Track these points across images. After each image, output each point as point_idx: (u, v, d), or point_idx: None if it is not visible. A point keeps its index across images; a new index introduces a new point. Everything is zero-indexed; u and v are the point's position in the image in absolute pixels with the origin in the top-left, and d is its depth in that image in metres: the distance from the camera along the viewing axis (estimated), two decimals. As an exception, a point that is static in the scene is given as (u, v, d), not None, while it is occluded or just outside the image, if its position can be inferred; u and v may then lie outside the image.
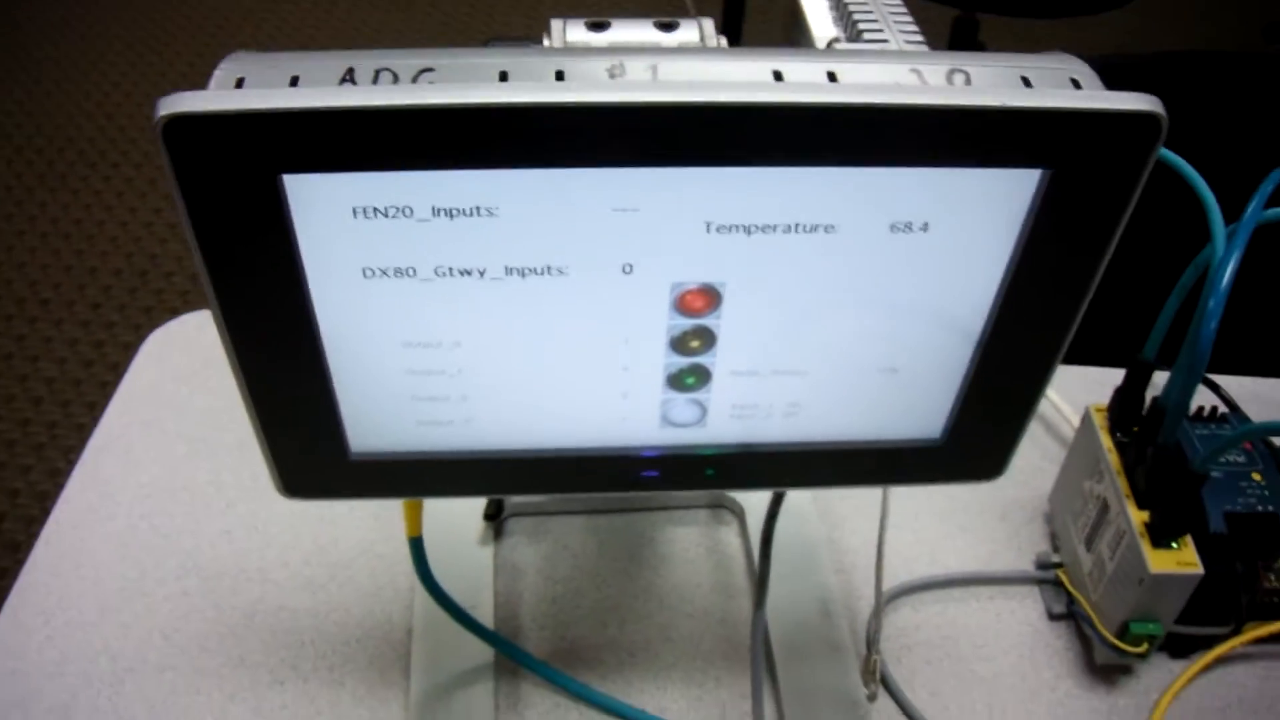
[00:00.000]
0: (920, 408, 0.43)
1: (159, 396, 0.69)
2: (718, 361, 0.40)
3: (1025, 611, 0.61)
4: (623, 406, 0.42)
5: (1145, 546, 0.54)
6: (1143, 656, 0.56)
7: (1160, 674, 0.59)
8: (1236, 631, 0.60)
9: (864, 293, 0.38)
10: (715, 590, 0.61)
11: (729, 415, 0.43)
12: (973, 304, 0.39)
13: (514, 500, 0.62)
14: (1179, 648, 0.60)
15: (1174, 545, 0.54)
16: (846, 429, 0.43)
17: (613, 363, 0.40)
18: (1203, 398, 0.67)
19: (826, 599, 0.59)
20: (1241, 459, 0.58)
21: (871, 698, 0.56)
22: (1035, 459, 0.69)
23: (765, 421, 0.43)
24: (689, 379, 0.41)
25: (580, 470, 0.44)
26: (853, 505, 0.65)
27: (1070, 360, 0.72)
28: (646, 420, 0.42)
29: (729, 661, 0.58)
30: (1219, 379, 0.70)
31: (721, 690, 0.56)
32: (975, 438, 0.44)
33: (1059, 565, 0.61)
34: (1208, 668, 0.60)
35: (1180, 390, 0.51)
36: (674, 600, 0.60)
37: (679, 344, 0.40)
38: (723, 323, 0.39)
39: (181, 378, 0.70)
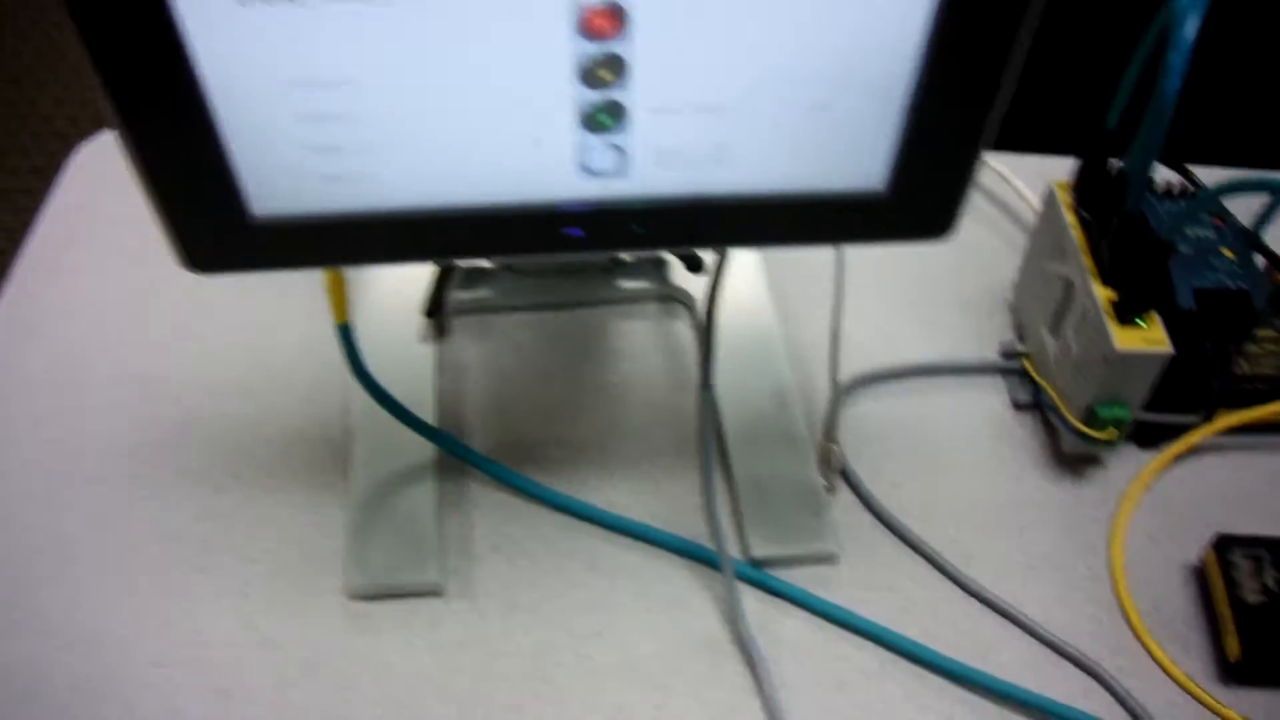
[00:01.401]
0: (858, 152, 0.40)
1: (89, 210, 0.66)
2: (633, 96, 0.38)
3: (989, 402, 0.59)
4: (536, 155, 0.39)
5: (1110, 324, 0.51)
6: (1110, 443, 0.54)
7: (1129, 464, 0.58)
8: (1208, 420, 0.58)
9: (784, 14, 0.35)
10: (667, 383, 0.59)
11: (653, 163, 0.40)
12: (902, 26, 0.36)
13: (457, 298, 0.60)
14: (1148, 437, 0.58)
15: (1140, 323, 0.51)
16: (781, 177, 0.41)
17: (518, 100, 0.37)
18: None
19: (782, 390, 0.57)
20: (1211, 235, 0.55)
21: (830, 489, 0.54)
22: (998, 247, 0.67)
23: (693, 170, 0.40)
24: (603, 118, 0.38)
25: (498, 230, 0.42)
26: (810, 297, 0.62)
27: (1034, 150, 0.69)
28: (563, 169, 0.40)
29: (681, 455, 0.56)
30: (1192, 168, 0.66)
31: (673, 483, 0.55)
32: (920, 188, 0.41)
33: (1024, 354, 0.59)
34: (1179, 458, 0.58)
35: (1143, 151, 0.48)
36: (624, 394, 0.58)
37: (589, 75, 0.37)
38: (635, 49, 0.36)
39: (112, 191, 0.67)
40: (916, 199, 0.42)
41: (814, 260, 0.64)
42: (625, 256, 0.61)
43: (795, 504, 0.53)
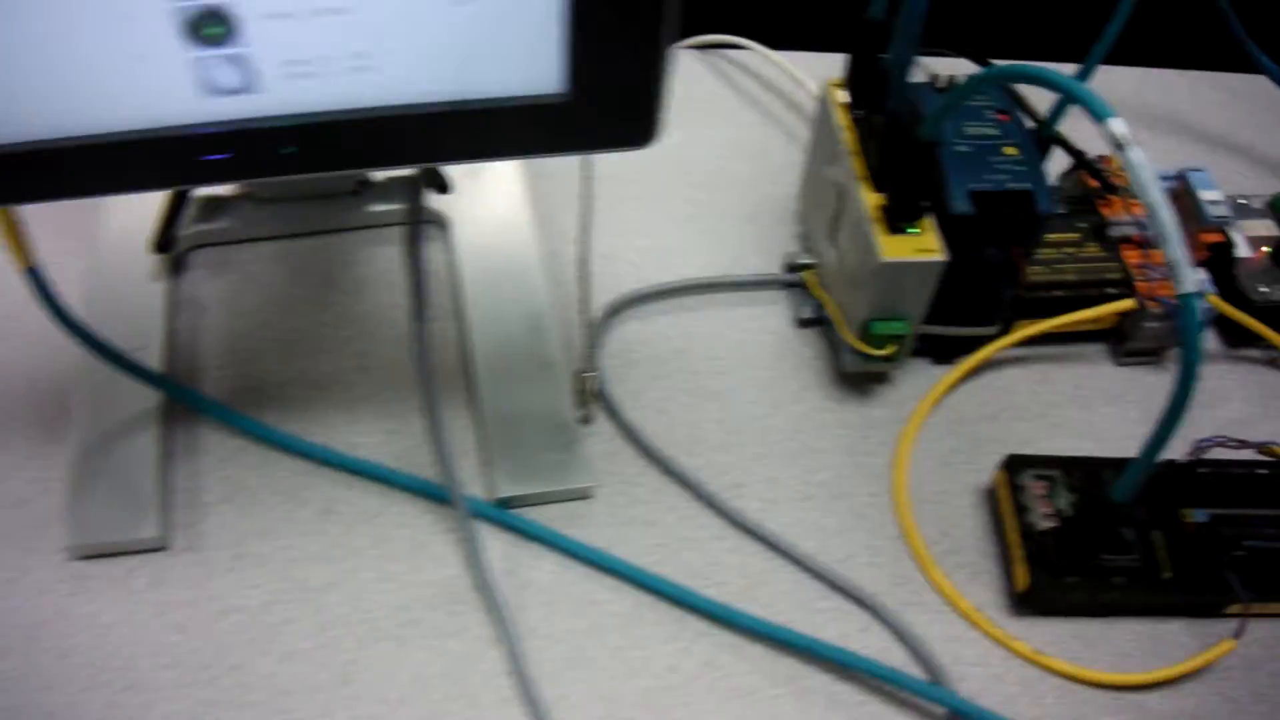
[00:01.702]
0: (520, 51, 0.35)
1: None
2: (239, 1, 0.32)
3: (770, 319, 0.55)
4: (145, 72, 0.34)
5: (878, 233, 0.47)
6: (891, 359, 0.50)
7: (922, 381, 0.54)
8: (1004, 331, 0.54)
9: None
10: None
11: (285, 76, 0.35)
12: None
13: (193, 230, 0.54)
14: (942, 352, 0.54)
15: (912, 230, 0.47)
16: (437, 85, 0.36)
17: (106, 9, 0.32)
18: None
19: (537, 315, 0.52)
20: (995, 132, 0.50)
21: (585, 420, 0.50)
22: (790, 151, 0.62)
23: (333, 82, 0.35)
24: (210, 27, 0.33)
25: (132, 160, 0.36)
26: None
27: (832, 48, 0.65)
28: (181, 88, 0.34)
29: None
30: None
31: (422, 420, 0.50)
32: (607, 89, 0.37)
33: (808, 266, 0.55)
34: (974, 372, 0.54)
35: (903, 42, 0.43)
36: (371, 326, 0.53)
37: (175, -24, 0.31)
38: (220, -59, 0.31)
39: None
40: (604, 103, 0.37)
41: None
42: (374, 177, 0.55)
43: (546, 438, 0.49)
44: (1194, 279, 0.36)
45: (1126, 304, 0.53)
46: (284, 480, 0.49)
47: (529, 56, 0.35)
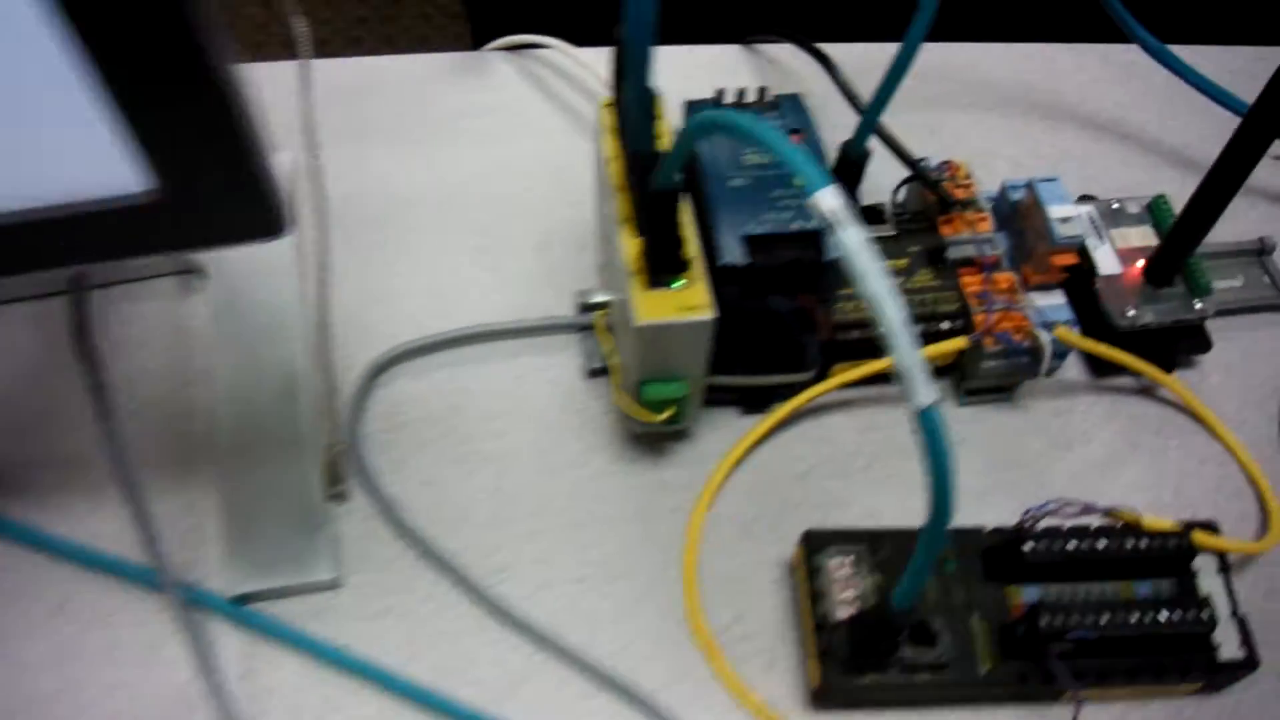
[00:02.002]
0: (81, 153, 0.29)
1: None
2: None
3: (558, 369, 0.49)
4: None
5: (636, 288, 0.41)
6: (673, 421, 0.44)
7: (728, 434, 0.48)
8: (821, 376, 0.47)
9: None
10: (170, 377, 0.49)
11: None
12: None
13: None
14: (752, 401, 0.48)
15: (677, 283, 0.41)
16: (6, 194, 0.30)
17: None
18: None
19: (292, 377, 0.47)
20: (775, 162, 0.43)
21: (339, 497, 0.45)
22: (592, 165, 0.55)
23: None
24: None
25: None
26: (369, 244, 0.52)
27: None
28: None
29: (185, 469, 0.46)
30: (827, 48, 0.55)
31: (169, 504, 0.45)
32: (202, 183, 0.30)
33: (603, 306, 0.48)
34: (789, 421, 0.48)
35: (634, 70, 0.36)
36: (126, 395, 0.48)
37: None
38: None
39: None
40: (206, 198, 0.31)
41: (374, 199, 0.53)
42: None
43: (290, 523, 0.44)
44: (928, 392, 0.29)
45: (957, 344, 0.46)
46: (16, 573, 0.44)
47: (93, 157, 0.29)
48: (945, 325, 0.47)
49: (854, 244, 0.28)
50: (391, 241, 0.52)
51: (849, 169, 0.45)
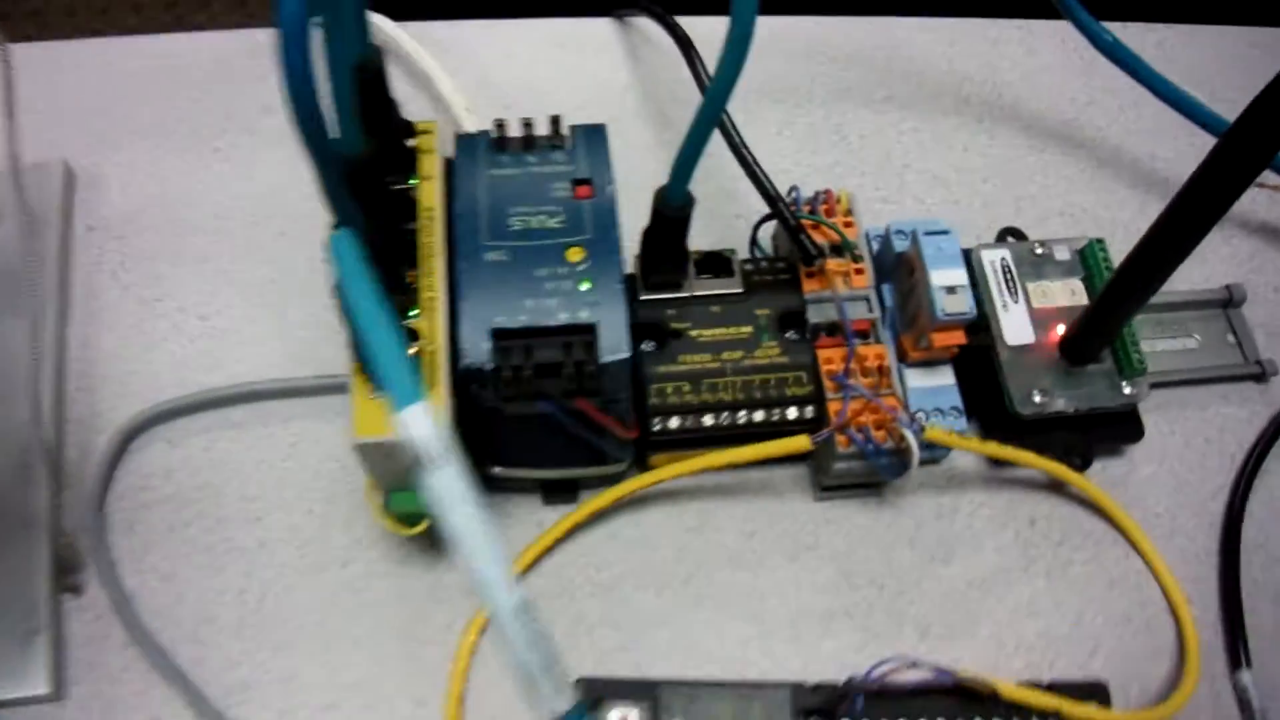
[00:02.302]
0: None
1: None
2: None
3: (335, 440, 0.41)
4: None
5: (356, 391, 0.32)
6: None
7: (526, 531, 0.39)
8: (643, 463, 0.39)
9: None
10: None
11: None
12: None
13: None
14: (560, 490, 0.40)
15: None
16: None
17: None
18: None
19: (22, 442, 0.40)
20: (559, 223, 0.34)
21: (71, 591, 0.38)
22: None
23: None
24: None
25: None
26: (123, 291, 0.44)
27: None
28: None
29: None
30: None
31: None
32: None
33: (380, 376, 0.40)
34: (597, 516, 0.39)
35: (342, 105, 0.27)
36: None
37: None
38: None
39: None
40: None
41: (152, 217, 0.45)
42: None
43: (3, 624, 0.37)
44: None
45: (794, 446, 0.37)
46: None
47: None
48: (792, 414, 0.37)
49: (446, 495, 0.20)
50: (166, 273, 0.44)
51: (665, 228, 0.36)
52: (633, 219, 0.36)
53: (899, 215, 0.46)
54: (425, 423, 0.20)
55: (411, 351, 0.33)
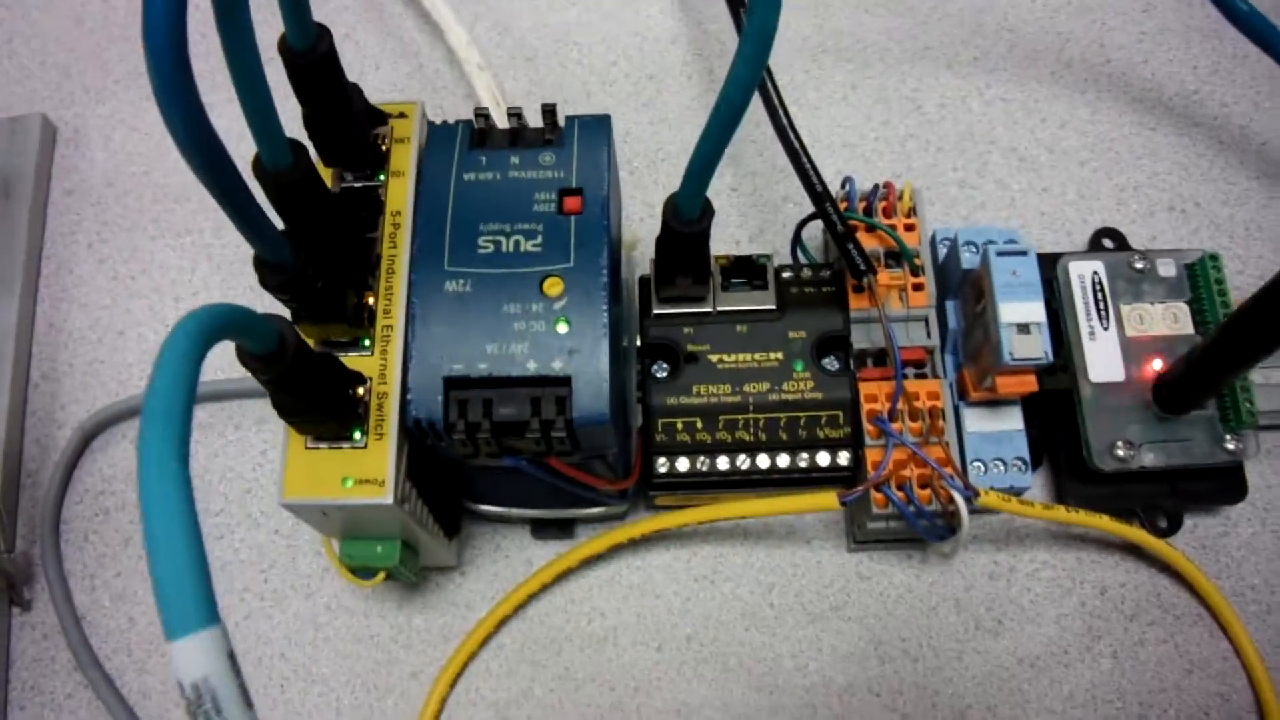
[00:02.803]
0: None
1: None
2: None
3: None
4: None
5: (290, 441, 0.27)
6: (396, 577, 0.31)
7: (513, 570, 0.34)
8: (648, 501, 0.33)
9: None
10: None
11: None
12: None
13: None
14: (553, 526, 0.34)
15: (354, 438, 0.27)
16: None
17: None
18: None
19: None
20: (537, 246, 0.27)
21: (20, 605, 0.34)
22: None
23: None
24: None
25: None
26: (100, 265, 0.39)
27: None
28: None
29: None
30: None
31: None
32: None
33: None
34: (600, 559, 0.34)
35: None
36: None
37: None
38: None
39: None
40: None
41: (137, 180, 0.39)
42: None
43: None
44: None
45: (823, 503, 0.31)
46: None
47: None
48: (823, 459, 0.31)
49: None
50: (144, 246, 0.39)
51: (677, 242, 0.29)
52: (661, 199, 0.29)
53: (977, 203, 0.38)
54: (203, 662, 0.14)
55: (359, 393, 0.27)
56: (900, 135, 0.40)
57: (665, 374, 0.32)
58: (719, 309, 0.32)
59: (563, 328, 0.26)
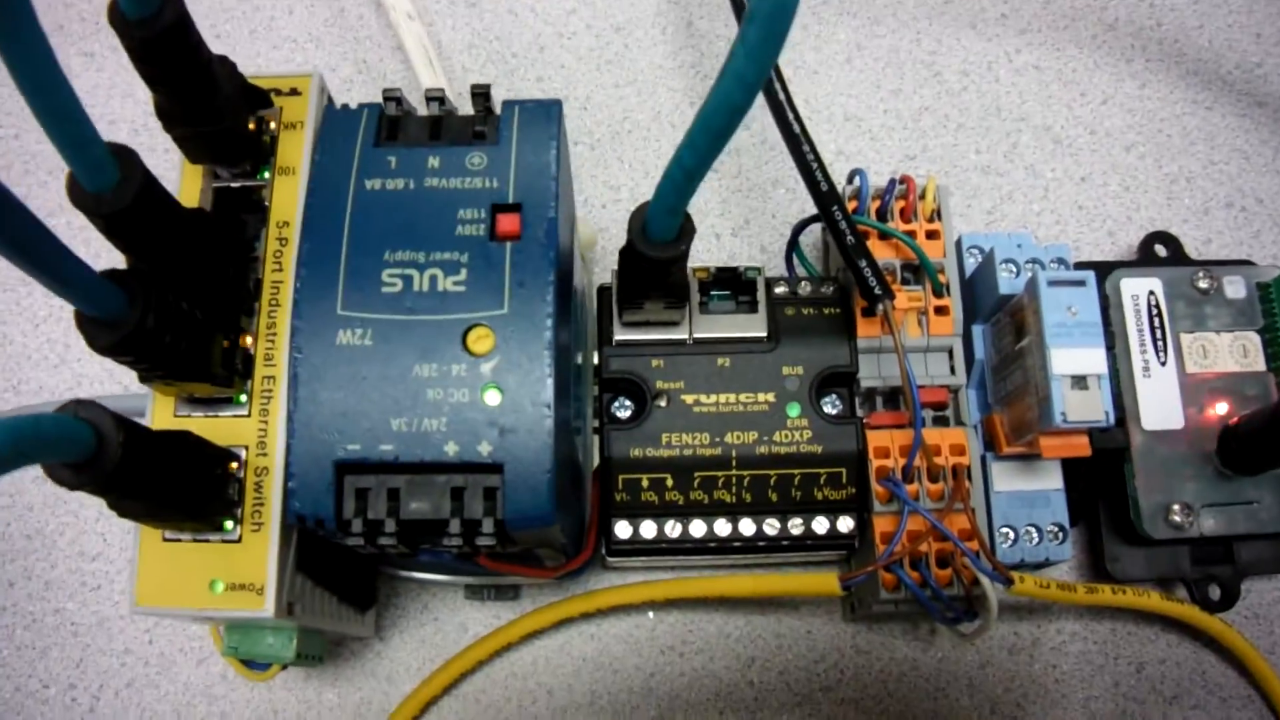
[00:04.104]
0: None
1: None
2: None
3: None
4: None
5: (144, 534, 0.19)
6: (301, 662, 0.24)
7: (447, 639, 0.27)
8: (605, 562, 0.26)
9: None
10: None
11: None
12: None
13: None
14: (488, 592, 0.27)
15: (227, 530, 0.19)
16: None
17: None
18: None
19: None
20: (461, 285, 0.19)
21: None
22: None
23: None
24: None
25: None
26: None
27: None
28: None
29: None
30: None
31: None
32: None
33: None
34: (545, 629, 0.27)
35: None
36: None
37: None
38: None
39: None
40: None
41: None
42: None
43: None
44: None
45: (821, 586, 0.23)
46: None
47: None
48: (821, 527, 0.24)
49: None
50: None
51: (644, 266, 0.21)
52: (638, 186, 0.21)
53: (1004, 193, 0.30)
54: None
55: (231, 468, 0.19)
56: (914, 108, 0.32)
57: (629, 414, 0.25)
58: (696, 336, 0.25)
59: (493, 397, 0.18)
